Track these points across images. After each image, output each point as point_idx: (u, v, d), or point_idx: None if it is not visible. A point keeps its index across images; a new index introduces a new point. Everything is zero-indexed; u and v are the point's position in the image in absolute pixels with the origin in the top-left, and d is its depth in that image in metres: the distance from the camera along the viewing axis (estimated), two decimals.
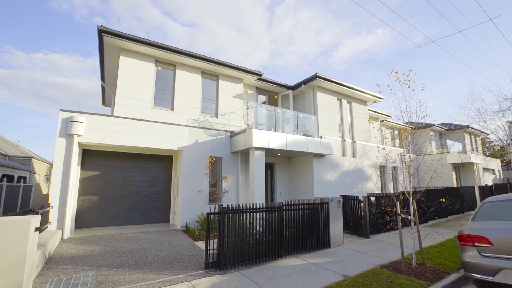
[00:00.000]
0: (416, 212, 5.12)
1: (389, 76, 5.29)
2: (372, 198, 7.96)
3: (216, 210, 5.47)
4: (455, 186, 19.18)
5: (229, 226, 5.46)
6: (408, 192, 5.31)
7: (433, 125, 21.81)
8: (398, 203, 4.97)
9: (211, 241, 5.33)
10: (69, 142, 7.51)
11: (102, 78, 11.58)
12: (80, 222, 8.74)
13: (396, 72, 5.26)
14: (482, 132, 24.78)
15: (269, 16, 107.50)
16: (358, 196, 8.05)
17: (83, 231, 8.33)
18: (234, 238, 5.51)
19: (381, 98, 14.15)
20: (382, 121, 19.28)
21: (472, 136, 25.37)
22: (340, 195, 9.04)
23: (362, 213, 7.92)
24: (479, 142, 26.52)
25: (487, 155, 29.37)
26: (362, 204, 7.98)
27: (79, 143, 7.86)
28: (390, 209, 7.34)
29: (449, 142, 21.34)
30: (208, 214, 5.20)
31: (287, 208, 6.33)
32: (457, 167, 21.37)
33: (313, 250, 6.59)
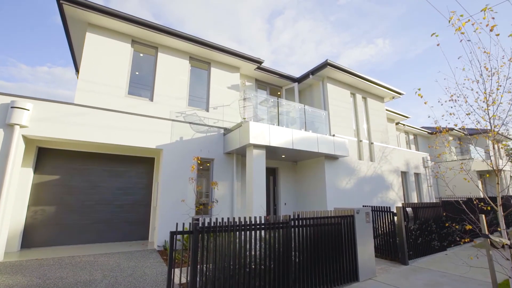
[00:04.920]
0: (506, 230, 3.14)
1: (449, 24, 3.49)
2: (409, 209, 5.97)
3: (191, 227, 3.58)
4: (481, 196, 17.01)
5: (208, 251, 3.53)
6: (492, 198, 3.36)
7: (453, 129, 19.81)
8: (483, 216, 3.02)
9: (186, 270, 3.40)
10: (8, 135, 5.71)
11: (77, 69, 9.96)
12: (30, 239, 6.82)
13: (461, 16, 3.46)
14: (506, 137, 22.66)
15: (268, 28, 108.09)
16: (390, 207, 6.06)
17: (29, 252, 6.40)
18: (218, 271, 3.57)
19: (400, 94, 12.31)
20: (398, 123, 17.37)
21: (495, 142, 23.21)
22: (363, 206, 7.07)
23: (397, 230, 5.91)
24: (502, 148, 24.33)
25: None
26: (395, 217, 5.98)
27: (24, 137, 6.07)
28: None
29: (472, 147, 19.23)
30: (174, 233, 3.29)
31: (296, 223, 4.39)
32: (482, 175, 19.20)
33: (336, 286, 4.58)
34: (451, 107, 3.84)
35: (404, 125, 17.93)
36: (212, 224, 3.59)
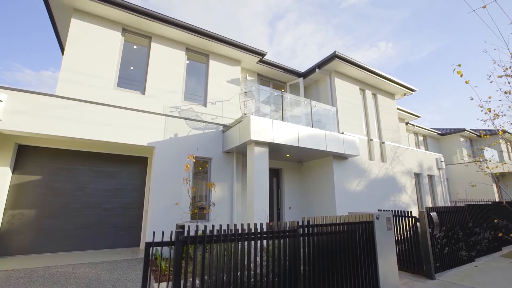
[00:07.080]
0: None
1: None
2: (433, 214, 5.17)
3: (173, 237, 2.84)
4: (496, 199, 16.06)
5: (195, 267, 2.79)
6: None
7: (464, 129, 18.94)
8: None
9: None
10: None
11: None
12: (6, 247, 6.12)
13: None
14: None
15: (270, 31, 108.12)
16: (411, 211, 5.27)
17: (3, 261, 5.67)
18: None
19: (412, 90, 11.53)
20: (407, 123, 16.52)
21: (508, 143, 22.21)
22: (378, 210, 6.28)
23: (420, 238, 5.10)
24: None
25: None
26: (418, 223, 5.19)
27: None
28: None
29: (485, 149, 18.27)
30: (149, 245, 2.55)
31: (305, 231, 3.64)
32: (497, 178, 18.24)
33: None
34: (508, 83, 3.07)
35: (413, 125, 17.06)
36: (201, 232, 2.85)
